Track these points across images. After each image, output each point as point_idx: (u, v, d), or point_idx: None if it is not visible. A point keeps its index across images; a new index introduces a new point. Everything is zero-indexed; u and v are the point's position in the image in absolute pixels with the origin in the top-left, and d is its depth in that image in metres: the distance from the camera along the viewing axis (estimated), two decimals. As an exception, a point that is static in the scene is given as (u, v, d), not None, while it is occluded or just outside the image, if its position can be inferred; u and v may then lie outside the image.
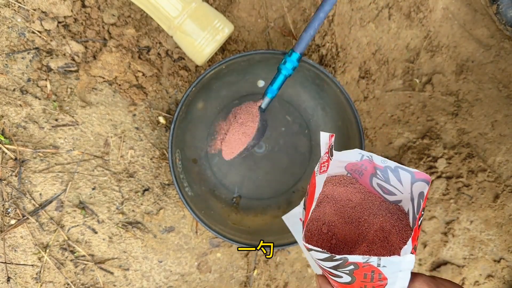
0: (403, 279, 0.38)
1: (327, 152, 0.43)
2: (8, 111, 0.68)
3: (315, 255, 0.39)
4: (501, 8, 0.75)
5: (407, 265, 0.37)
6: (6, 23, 0.69)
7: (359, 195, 0.49)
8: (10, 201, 0.68)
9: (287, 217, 0.55)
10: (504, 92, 0.79)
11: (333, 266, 0.38)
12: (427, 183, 0.42)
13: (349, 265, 0.37)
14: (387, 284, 0.38)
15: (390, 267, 0.37)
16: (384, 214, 0.47)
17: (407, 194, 0.45)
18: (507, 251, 0.79)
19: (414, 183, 0.43)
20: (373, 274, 0.37)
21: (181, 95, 0.74)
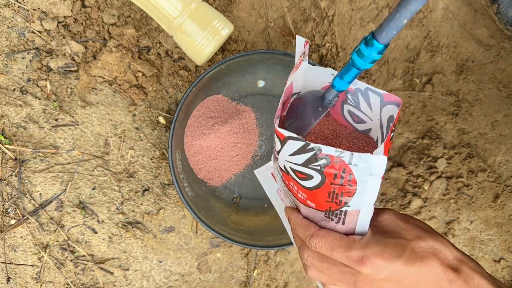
0: (372, 188, 0.36)
1: (301, 56, 0.43)
2: (8, 111, 0.68)
3: (288, 149, 0.37)
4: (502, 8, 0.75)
5: (379, 168, 0.35)
6: (6, 23, 0.69)
7: (330, 127, 0.49)
8: (10, 201, 0.68)
9: (259, 171, 0.54)
10: (504, 92, 0.79)
11: (304, 162, 0.37)
12: (397, 106, 0.41)
13: (321, 158, 0.36)
14: (356, 191, 0.37)
15: (361, 167, 0.35)
16: (352, 141, 0.47)
17: (376, 121, 0.44)
18: (507, 251, 0.79)
19: (384, 106, 0.43)
20: (343, 174, 0.35)
21: (181, 95, 0.74)
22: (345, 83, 0.42)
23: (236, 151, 0.70)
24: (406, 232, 0.39)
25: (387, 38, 0.35)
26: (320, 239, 0.39)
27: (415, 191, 0.77)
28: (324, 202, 0.39)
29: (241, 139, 0.70)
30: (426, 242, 0.37)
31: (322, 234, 0.39)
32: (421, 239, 0.38)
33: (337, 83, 0.43)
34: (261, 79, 0.72)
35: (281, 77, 0.71)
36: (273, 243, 0.66)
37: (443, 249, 0.37)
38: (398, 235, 0.38)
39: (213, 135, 0.68)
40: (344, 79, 0.42)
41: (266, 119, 0.72)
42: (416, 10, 0.33)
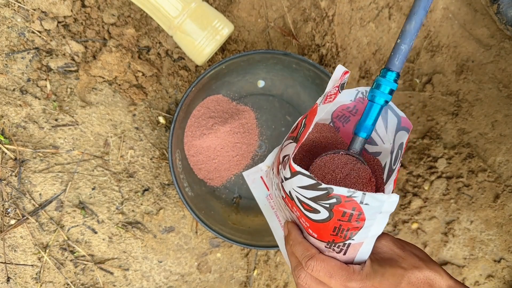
0: (380, 223, 0.37)
1: (337, 86, 0.41)
2: (8, 111, 0.68)
3: (298, 182, 0.37)
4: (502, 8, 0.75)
5: (390, 206, 0.35)
6: (6, 23, 0.69)
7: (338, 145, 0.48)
8: (10, 201, 0.68)
9: (248, 173, 0.53)
10: (505, 92, 0.79)
11: (313, 197, 0.36)
12: (407, 131, 0.41)
13: (332, 198, 0.35)
14: (363, 227, 0.37)
15: (372, 205, 0.35)
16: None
17: (389, 145, 0.44)
18: (507, 251, 0.79)
19: (398, 131, 0.42)
20: (353, 212, 0.35)
21: (181, 95, 0.74)
22: (369, 125, 0.42)
23: (236, 151, 0.70)
24: (403, 261, 0.39)
25: (399, 66, 0.40)
26: (320, 263, 0.39)
27: (415, 191, 0.77)
28: (328, 235, 0.38)
29: (241, 139, 0.70)
30: (422, 272, 0.38)
31: (322, 259, 0.39)
32: (417, 268, 0.38)
33: (361, 128, 0.42)
34: (261, 79, 0.72)
35: (281, 77, 0.71)
36: (273, 243, 0.66)
37: (438, 279, 0.38)
38: (395, 264, 0.39)
39: (213, 135, 0.68)
40: (368, 121, 0.42)
41: (266, 119, 0.72)
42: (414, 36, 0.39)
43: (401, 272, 0.38)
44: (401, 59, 0.39)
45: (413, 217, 0.78)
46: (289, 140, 0.44)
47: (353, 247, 0.39)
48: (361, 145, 0.43)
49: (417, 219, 0.78)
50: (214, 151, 0.69)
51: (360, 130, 0.42)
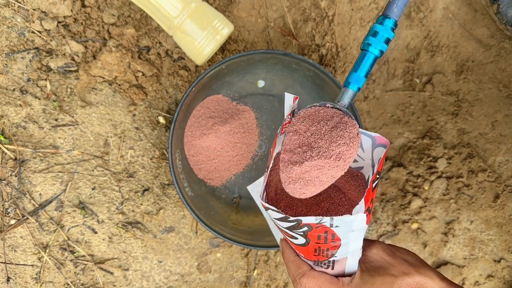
0: (356, 239, 0.37)
1: (289, 114, 0.41)
2: (8, 111, 0.68)
3: (272, 214, 0.38)
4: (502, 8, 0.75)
5: (359, 224, 0.36)
6: (6, 23, 0.69)
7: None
8: (10, 201, 0.68)
9: (252, 186, 0.54)
10: (504, 92, 0.79)
11: (288, 226, 0.38)
12: (384, 147, 0.41)
13: (303, 227, 0.36)
14: (340, 245, 0.37)
15: (342, 227, 0.36)
16: (345, 179, 0.47)
17: (368, 161, 0.44)
18: (507, 251, 0.79)
19: (375, 148, 0.42)
20: (327, 235, 0.37)
21: (181, 95, 0.74)
22: (361, 77, 0.39)
23: (236, 151, 0.70)
24: (393, 268, 0.39)
25: (397, 13, 0.37)
26: (311, 279, 0.40)
27: (415, 191, 0.77)
28: (311, 255, 0.40)
29: (241, 139, 0.70)
30: (413, 278, 0.38)
31: (313, 275, 0.41)
32: (407, 275, 0.38)
33: (352, 79, 0.39)
34: (261, 79, 0.72)
35: (281, 77, 0.71)
36: (273, 243, 0.66)
37: (429, 283, 0.38)
38: (385, 272, 0.39)
39: (213, 135, 0.68)
40: (360, 72, 0.39)
41: (266, 119, 0.72)
42: None
43: (390, 279, 0.38)
44: (400, 6, 0.36)
45: (413, 217, 0.78)
46: (265, 169, 0.44)
47: (339, 262, 0.40)
48: (350, 98, 0.40)
49: (417, 219, 0.78)
50: (214, 151, 0.69)
51: (350, 82, 0.39)
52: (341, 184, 0.48)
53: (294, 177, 0.38)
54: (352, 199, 0.47)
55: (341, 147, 0.38)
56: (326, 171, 0.38)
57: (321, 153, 0.38)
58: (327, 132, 0.39)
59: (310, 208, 0.47)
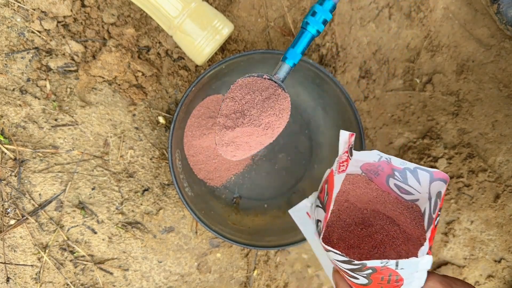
0: (419, 279, 0.38)
1: (346, 151, 0.42)
2: (8, 111, 0.68)
3: (333, 256, 0.39)
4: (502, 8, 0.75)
5: (424, 265, 0.37)
6: (5, 22, 0.69)
7: (373, 192, 0.49)
8: (10, 201, 0.68)
9: (293, 211, 0.54)
10: (505, 92, 0.79)
11: (350, 268, 0.38)
12: (445, 182, 0.42)
13: (367, 270, 0.37)
14: (403, 284, 0.38)
15: (407, 268, 0.37)
16: (399, 210, 0.47)
17: (425, 194, 0.45)
18: (508, 251, 0.79)
19: (433, 182, 0.43)
20: (390, 277, 0.37)
21: (181, 95, 0.74)
22: (297, 54, 0.42)
23: None
24: None
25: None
26: None
27: (416, 191, 0.77)
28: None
29: (241, 139, 0.70)
30: None
31: None
32: None
33: (289, 55, 0.42)
34: (261, 79, 0.72)
35: (281, 77, 0.71)
36: (273, 243, 0.66)
37: None
38: None
39: (213, 135, 0.68)
40: (297, 48, 0.42)
41: (266, 119, 0.72)
42: None
43: None
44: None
45: (413, 217, 0.78)
46: (318, 202, 0.45)
47: None
48: (285, 73, 0.42)
49: (417, 219, 0.78)
50: (214, 151, 0.69)
51: (287, 57, 0.42)
52: (395, 216, 0.48)
53: (226, 141, 0.40)
54: (407, 232, 0.47)
55: (271, 117, 0.40)
56: (255, 138, 0.40)
57: (251, 121, 0.40)
58: (260, 102, 0.41)
59: (362, 239, 0.47)
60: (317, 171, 0.73)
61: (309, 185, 0.72)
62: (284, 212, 0.72)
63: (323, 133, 0.73)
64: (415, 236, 0.46)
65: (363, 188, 0.50)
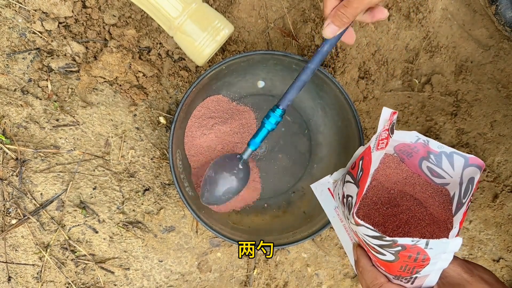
0: (445, 260, 0.38)
1: (387, 129, 0.43)
2: (9, 111, 0.68)
3: (363, 231, 0.39)
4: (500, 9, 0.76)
5: (454, 247, 0.37)
6: (7, 23, 0.69)
7: (402, 173, 0.50)
8: (11, 201, 0.68)
9: (316, 185, 0.54)
10: (503, 92, 0.79)
11: (379, 244, 0.39)
12: (480, 169, 0.43)
13: (397, 247, 0.37)
14: (428, 264, 0.38)
15: (436, 249, 0.37)
16: (428, 193, 0.48)
17: (457, 178, 0.45)
18: (506, 251, 0.79)
19: (467, 167, 0.44)
20: (418, 255, 0.38)
21: (181, 95, 0.74)
22: (257, 142, 0.59)
23: (236, 151, 0.70)
24: (470, 286, 0.39)
25: (284, 105, 0.57)
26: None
27: (415, 191, 0.78)
28: (395, 271, 0.41)
29: (241, 139, 0.71)
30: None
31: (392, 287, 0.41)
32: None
33: (252, 143, 0.60)
34: (261, 80, 0.72)
35: (281, 78, 0.71)
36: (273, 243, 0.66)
37: None
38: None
39: (213, 135, 0.68)
40: (257, 139, 0.59)
41: (266, 119, 0.72)
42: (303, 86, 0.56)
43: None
44: (286, 102, 0.57)
45: (412, 216, 0.78)
46: (349, 178, 0.46)
47: (420, 278, 0.40)
48: (248, 155, 0.61)
49: (416, 218, 0.78)
50: (214, 151, 0.69)
51: (250, 144, 0.60)
52: (423, 198, 0.49)
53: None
54: (434, 215, 0.47)
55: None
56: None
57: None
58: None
59: (387, 218, 0.47)
60: (316, 171, 0.73)
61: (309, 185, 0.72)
62: (284, 211, 0.72)
63: (322, 133, 0.73)
64: (442, 219, 0.46)
65: (393, 168, 0.50)
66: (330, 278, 0.77)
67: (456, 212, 0.45)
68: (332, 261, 0.77)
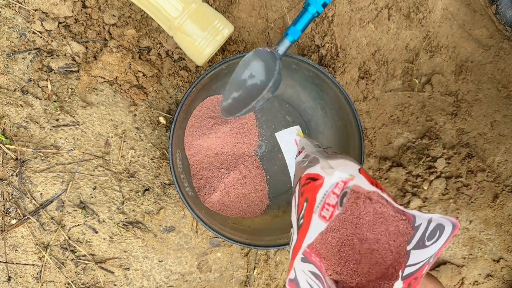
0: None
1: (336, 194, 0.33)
2: (9, 111, 0.68)
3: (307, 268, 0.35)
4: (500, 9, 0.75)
5: None
6: (7, 23, 0.69)
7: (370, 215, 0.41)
8: (11, 201, 0.68)
9: (281, 133, 0.51)
10: (503, 92, 0.79)
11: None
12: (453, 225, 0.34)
13: None
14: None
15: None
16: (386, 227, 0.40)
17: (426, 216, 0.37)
18: (506, 251, 0.79)
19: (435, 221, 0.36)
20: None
21: (181, 95, 0.74)
22: (298, 31, 0.48)
23: (236, 151, 0.70)
24: None
25: None
26: None
27: (415, 191, 0.78)
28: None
29: (241, 139, 0.70)
30: None
31: None
32: None
33: (291, 31, 0.48)
34: (261, 80, 0.72)
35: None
36: (273, 243, 0.66)
37: None
38: None
39: (213, 135, 0.68)
40: (298, 26, 0.47)
41: (266, 119, 0.72)
42: None
43: None
44: None
45: (413, 216, 0.78)
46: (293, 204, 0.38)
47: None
48: (285, 48, 0.49)
49: (417, 218, 0.78)
50: (214, 151, 0.69)
51: (289, 34, 0.48)
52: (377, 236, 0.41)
53: None
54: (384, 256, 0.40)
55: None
56: None
57: None
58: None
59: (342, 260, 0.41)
60: (316, 171, 0.73)
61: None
62: (284, 211, 0.72)
63: (322, 133, 0.73)
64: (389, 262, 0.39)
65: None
66: (330, 278, 0.77)
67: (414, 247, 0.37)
68: (332, 261, 0.77)
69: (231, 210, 0.69)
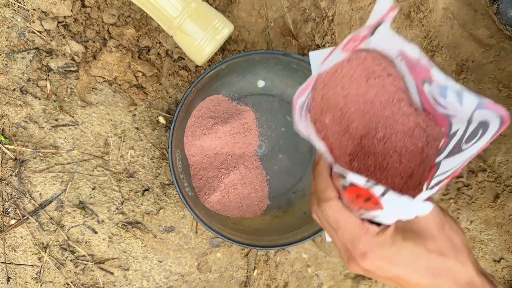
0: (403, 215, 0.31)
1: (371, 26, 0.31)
2: (8, 111, 0.68)
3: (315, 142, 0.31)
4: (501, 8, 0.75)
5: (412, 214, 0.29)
6: (6, 23, 0.69)
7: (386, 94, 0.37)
8: (10, 201, 0.68)
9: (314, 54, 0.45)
10: (504, 92, 0.79)
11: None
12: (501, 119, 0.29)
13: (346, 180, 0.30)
14: (380, 210, 0.31)
15: (392, 203, 0.29)
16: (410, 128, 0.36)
17: (464, 115, 0.33)
18: (507, 251, 0.79)
19: (480, 109, 0.31)
20: (369, 200, 0.30)
21: (181, 95, 0.74)
22: None
23: (236, 151, 0.70)
24: (432, 243, 0.34)
25: None
26: (333, 211, 0.35)
27: (415, 191, 0.78)
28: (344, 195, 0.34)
29: (241, 139, 0.70)
30: (447, 261, 0.34)
31: (337, 208, 0.35)
32: (442, 256, 0.34)
33: None
34: (261, 79, 0.72)
35: (281, 77, 0.71)
36: (273, 243, 0.66)
37: (460, 270, 0.34)
38: (421, 243, 0.34)
39: (213, 135, 0.68)
40: None
41: (266, 119, 0.72)
42: None
43: (422, 252, 0.33)
44: None
45: (413, 217, 0.78)
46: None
47: (369, 214, 0.33)
48: None
49: (417, 219, 0.78)
50: (214, 151, 0.69)
51: None
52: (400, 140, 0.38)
53: None
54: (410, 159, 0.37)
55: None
56: None
57: None
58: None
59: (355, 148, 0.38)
60: (317, 171, 0.73)
61: (309, 185, 0.72)
62: (284, 212, 0.72)
63: (323, 133, 0.73)
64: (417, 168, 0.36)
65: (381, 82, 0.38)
66: (331, 279, 0.76)
67: (446, 156, 0.34)
68: (332, 262, 0.76)
69: (231, 210, 0.69)
